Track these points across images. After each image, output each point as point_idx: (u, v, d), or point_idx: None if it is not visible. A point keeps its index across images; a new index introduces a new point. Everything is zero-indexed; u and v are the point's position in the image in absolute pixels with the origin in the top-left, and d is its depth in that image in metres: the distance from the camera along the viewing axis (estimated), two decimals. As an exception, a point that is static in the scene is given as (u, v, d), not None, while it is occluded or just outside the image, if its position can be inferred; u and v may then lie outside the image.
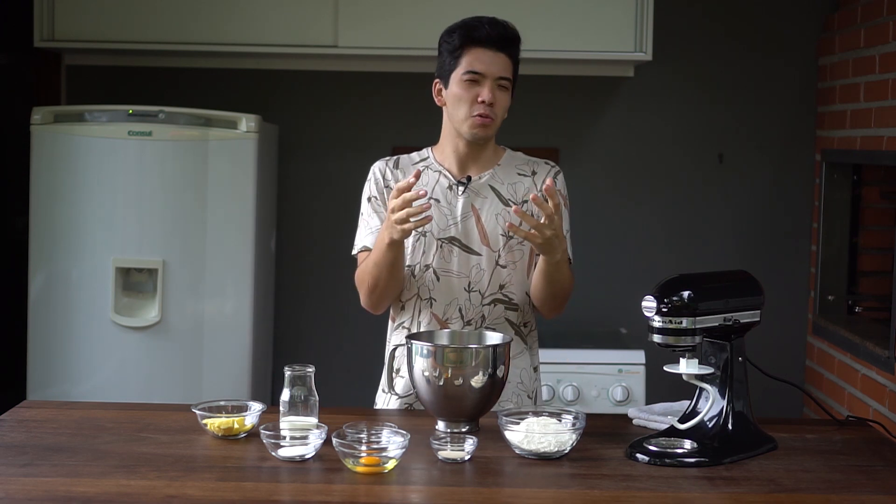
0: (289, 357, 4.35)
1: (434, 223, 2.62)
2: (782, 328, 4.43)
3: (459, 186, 2.65)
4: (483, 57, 2.56)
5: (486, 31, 2.56)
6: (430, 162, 2.69)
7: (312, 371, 2.31)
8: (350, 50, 4.15)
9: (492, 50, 2.57)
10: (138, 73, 4.48)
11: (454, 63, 2.59)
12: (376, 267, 2.55)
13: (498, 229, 2.63)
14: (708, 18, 4.47)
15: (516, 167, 2.69)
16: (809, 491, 2.05)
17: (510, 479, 2.11)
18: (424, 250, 2.64)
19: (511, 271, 2.63)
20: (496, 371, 2.33)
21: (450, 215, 2.63)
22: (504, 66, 2.58)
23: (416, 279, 2.65)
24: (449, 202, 2.64)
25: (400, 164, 2.70)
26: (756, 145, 4.50)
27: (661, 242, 4.51)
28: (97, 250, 3.95)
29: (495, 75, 2.57)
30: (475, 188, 2.65)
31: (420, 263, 2.64)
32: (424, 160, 2.70)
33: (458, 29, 2.60)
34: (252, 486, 2.03)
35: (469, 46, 2.57)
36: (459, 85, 2.58)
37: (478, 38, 2.57)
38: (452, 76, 2.59)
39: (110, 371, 3.97)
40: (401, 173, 2.68)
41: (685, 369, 2.28)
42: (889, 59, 3.73)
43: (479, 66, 2.56)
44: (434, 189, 2.65)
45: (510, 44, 2.60)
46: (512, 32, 2.61)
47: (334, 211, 4.50)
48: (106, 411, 2.54)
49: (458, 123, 2.61)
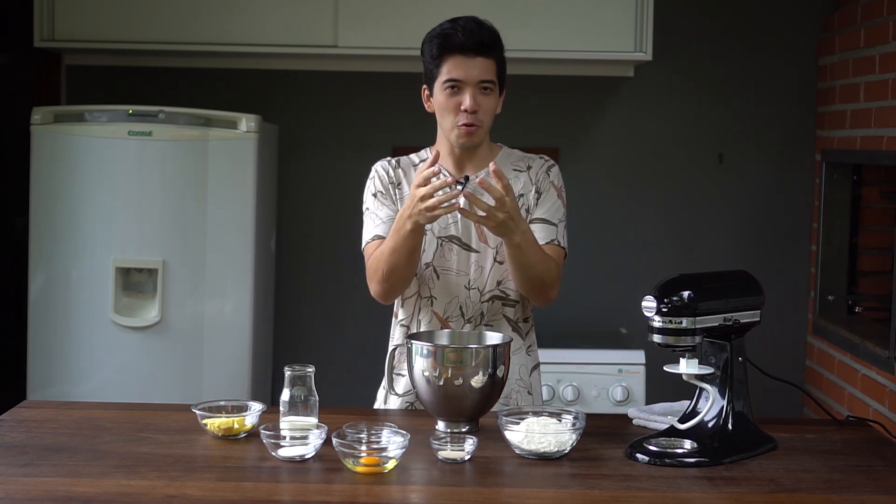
0: (289, 357, 4.35)
1: (435, 222, 2.63)
2: (782, 328, 4.43)
3: (458, 186, 2.65)
4: (461, 64, 2.55)
5: (460, 39, 2.55)
6: None
7: (312, 371, 2.31)
8: (350, 50, 4.15)
9: (469, 56, 2.55)
10: (138, 73, 4.48)
11: (435, 71, 2.59)
12: (394, 253, 2.53)
13: None
14: (708, 18, 4.47)
15: (512, 164, 2.70)
16: (809, 491, 2.05)
17: (510, 479, 2.11)
18: (425, 248, 2.64)
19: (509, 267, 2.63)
20: (496, 371, 2.33)
21: (450, 214, 2.64)
22: (484, 70, 2.56)
23: (416, 277, 2.65)
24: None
25: (401, 165, 2.71)
26: (756, 145, 4.49)
27: (661, 242, 4.51)
28: (97, 250, 3.95)
29: (475, 80, 2.56)
30: (473, 187, 2.65)
31: (421, 261, 2.65)
32: (424, 161, 2.71)
33: (434, 37, 2.59)
34: (252, 486, 2.03)
35: (446, 55, 2.56)
36: (442, 93, 2.58)
37: (454, 46, 2.55)
38: (436, 84, 2.60)
39: (110, 371, 3.97)
40: (402, 173, 2.69)
41: (685, 369, 2.28)
42: (889, 59, 3.73)
43: (458, 73, 2.55)
44: None
45: (488, 47, 2.57)
46: (488, 36, 2.58)
47: (334, 211, 4.50)
48: (106, 411, 2.54)
49: (446, 133, 2.62)
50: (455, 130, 2.59)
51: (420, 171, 2.44)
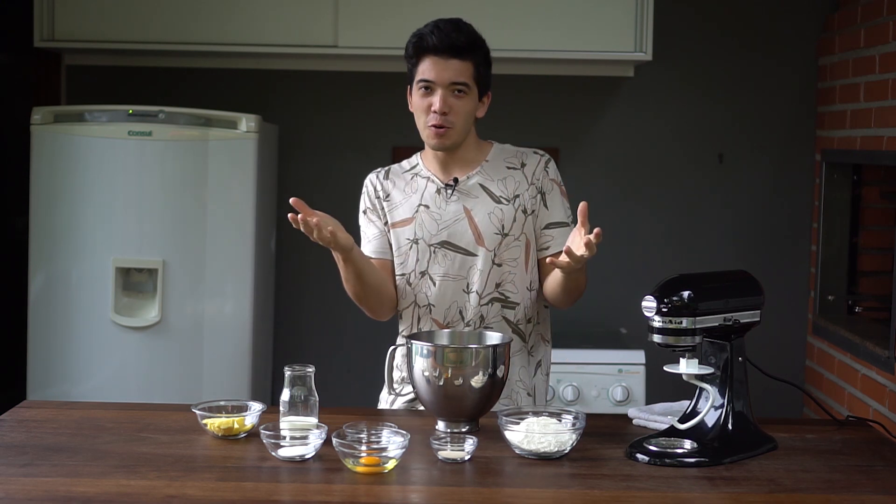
0: (289, 357, 4.35)
1: (425, 229, 2.63)
2: (782, 328, 4.43)
3: (447, 189, 2.65)
4: (434, 65, 2.56)
5: (433, 41, 2.55)
6: (420, 169, 2.70)
7: (312, 371, 2.31)
8: (350, 50, 4.15)
9: (443, 58, 2.55)
10: (138, 73, 4.48)
11: (413, 71, 2.61)
12: (346, 282, 2.59)
13: (492, 228, 2.63)
14: (708, 18, 4.47)
15: (505, 161, 2.69)
16: (809, 491, 2.05)
17: (510, 479, 2.11)
18: (418, 258, 2.64)
19: (509, 269, 2.63)
20: (496, 371, 2.33)
21: (440, 220, 2.63)
22: (457, 72, 2.56)
23: (412, 287, 2.65)
24: (439, 206, 2.65)
25: (390, 175, 2.72)
26: (756, 145, 4.49)
27: (661, 242, 4.51)
28: (97, 250, 3.95)
29: (446, 82, 2.56)
30: (464, 189, 2.65)
31: (415, 271, 2.65)
32: (414, 167, 2.71)
33: (412, 38, 2.61)
34: (252, 486, 2.03)
35: (421, 55, 2.58)
36: (416, 93, 2.60)
37: (428, 48, 2.56)
38: (413, 85, 2.61)
39: (110, 371, 3.97)
40: (390, 183, 2.70)
41: (685, 369, 2.28)
42: (889, 59, 3.73)
43: (430, 74, 2.56)
44: (423, 195, 2.66)
45: (462, 50, 2.56)
46: (464, 39, 2.57)
47: (334, 211, 4.43)
48: (106, 411, 2.54)
49: (421, 134, 2.63)
50: (426, 131, 2.60)
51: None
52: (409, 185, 2.68)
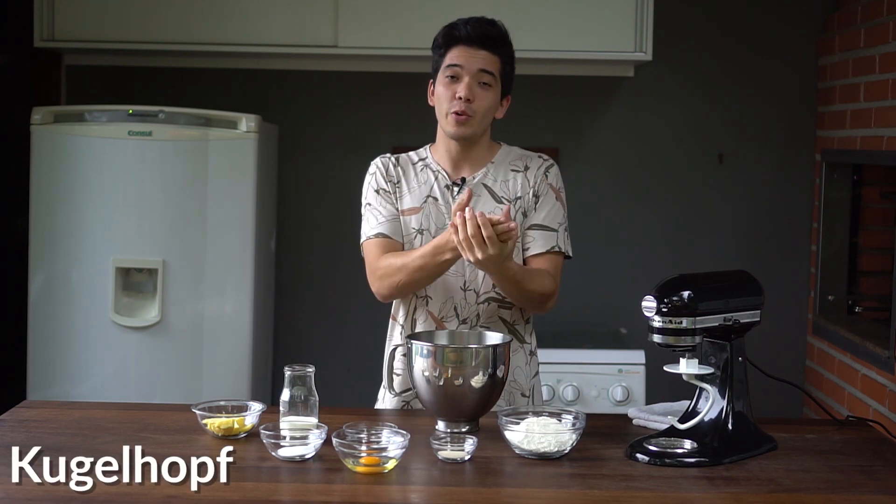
0: (289, 357, 4.35)
1: (432, 222, 2.63)
2: (782, 328, 4.43)
3: (454, 188, 2.65)
4: (464, 53, 2.59)
5: (465, 30, 2.59)
6: (429, 161, 2.70)
7: (312, 371, 2.31)
8: (350, 50, 4.15)
9: (472, 47, 2.59)
10: (138, 73, 4.48)
11: (440, 61, 2.63)
12: (420, 271, 2.54)
13: None
14: (708, 18, 4.47)
15: (510, 163, 2.69)
16: (809, 491, 2.05)
17: (510, 479, 2.11)
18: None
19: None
20: (496, 371, 2.33)
21: (448, 214, 2.64)
22: (485, 62, 2.59)
23: None
24: (447, 201, 2.65)
25: (400, 162, 2.72)
26: (756, 145, 4.50)
27: (661, 242, 4.51)
28: (97, 250, 3.95)
29: (474, 69, 2.58)
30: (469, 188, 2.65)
31: None
32: (423, 159, 2.71)
33: (443, 29, 2.64)
34: (252, 486, 2.03)
35: (451, 45, 2.61)
36: (442, 82, 2.61)
37: (458, 37, 2.60)
38: (439, 74, 2.62)
39: (110, 371, 3.97)
40: (401, 170, 2.69)
41: (685, 369, 2.28)
42: (889, 59, 3.73)
43: (459, 59, 2.59)
44: (433, 188, 2.66)
45: (492, 41, 2.60)
46: (495, 31, 2.62)
47: (334, 211, 4.50)
48: (106, 411, 2.54)
49: (441, 122, 2.64)
50: (448, 118, 2.60)
51: (462, 204, 2.41)
52: (418, 175, 2.68)
